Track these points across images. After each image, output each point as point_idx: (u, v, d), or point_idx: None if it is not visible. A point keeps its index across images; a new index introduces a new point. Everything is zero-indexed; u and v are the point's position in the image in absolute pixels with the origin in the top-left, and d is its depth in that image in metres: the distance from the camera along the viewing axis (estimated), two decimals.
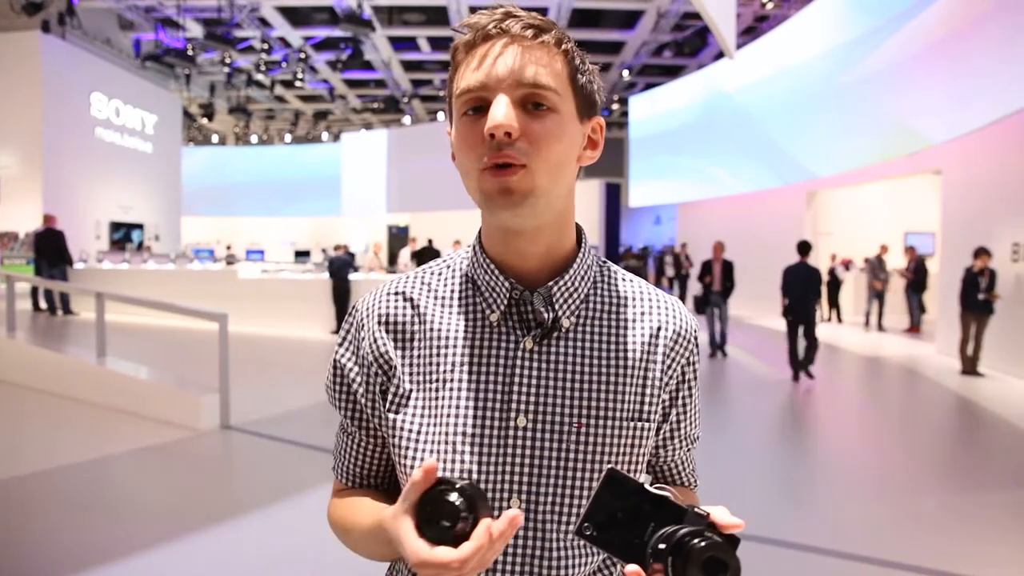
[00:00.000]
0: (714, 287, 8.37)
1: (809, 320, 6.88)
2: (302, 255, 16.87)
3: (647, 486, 0.56)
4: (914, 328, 11.27)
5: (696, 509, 0.55)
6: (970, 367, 7.45)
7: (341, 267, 9.76)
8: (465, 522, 0.55)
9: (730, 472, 4.23)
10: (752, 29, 15.23)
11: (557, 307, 0.73)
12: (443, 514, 0.55)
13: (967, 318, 7.39)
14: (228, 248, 18.75)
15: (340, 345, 0.79)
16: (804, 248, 7.13)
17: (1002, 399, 6.39)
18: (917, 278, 11.02)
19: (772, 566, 2.90)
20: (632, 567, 0.54)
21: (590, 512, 0.56)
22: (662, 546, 0.52)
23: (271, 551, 3.02)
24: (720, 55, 14.29)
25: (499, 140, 0.65)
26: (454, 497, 0.55)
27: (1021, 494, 3.86)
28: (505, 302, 0.73)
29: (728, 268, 8.36)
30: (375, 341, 0.76)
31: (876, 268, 11.62)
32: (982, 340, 7.40)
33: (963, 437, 5.49)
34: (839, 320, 12.71)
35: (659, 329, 0.77)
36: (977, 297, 7.27)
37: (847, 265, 13.11)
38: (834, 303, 12.66)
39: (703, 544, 0.51)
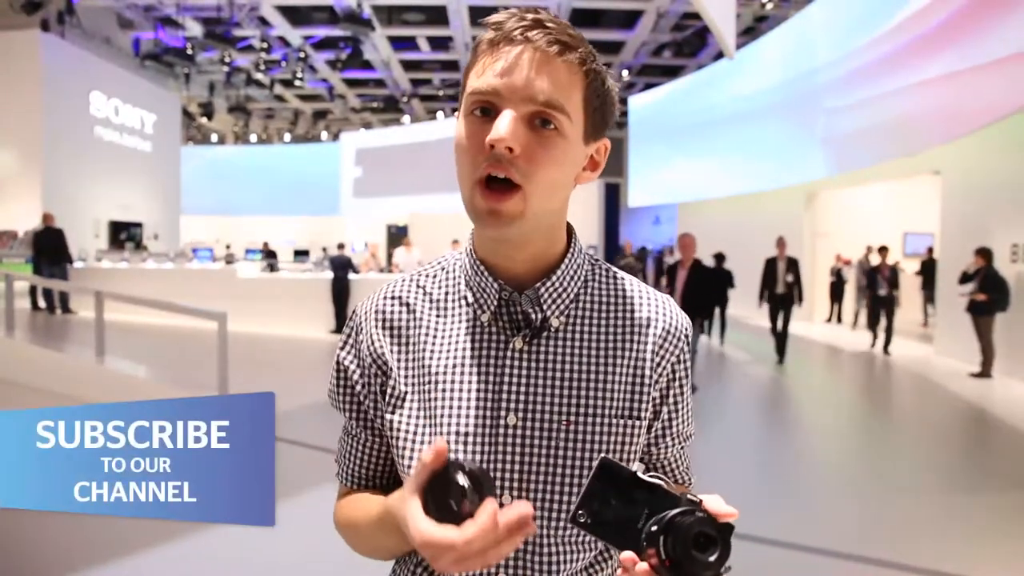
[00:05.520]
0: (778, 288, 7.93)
1: (891, 306, 9.24)
2: (301, 254, 16.83)
3: (640, 474, 0.56)
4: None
5: (689, 496, 0.56)
6: (982, 369, 7.36)
7: (341, 266, 9.83)
8: (472, 504, 0.54)
9: (725, 472, 4.23)
10: (752, 29, 15.22)
11: (545, 307, 0.74)
12: (449, 494, 0.55)
13: (974, 319, 7.34)
14: (227, 247, 18.71)
15: (342, 348, 0.81)
16: (883, 250, 9.78)
17: (1003, 401, 6.39)
18: (924, 277, 10.90)
19: (769, 567, 2.90)
20: (627, 554, 0.54)
21: (584, 500, 0.56)
22: (654, 528, 0.53)
23: (269, 552, 3.01)
24: (720, 55, 14.27)
25: (498, 153, 0.65)
26: (461, 478, 0.55)
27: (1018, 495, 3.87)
28: (495, 303, 0.74)
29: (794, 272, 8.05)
30: (373, 343, 0.78)
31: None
32: (989, 341, 7.29)
33: (961, 439, 5.49)
34: (838, 320, 12.70)
35: (648, 327, 0.77)
36: (971, 299, 7.23)
37: (849, 264, 13.09)
38: (838, 302, 12.63)
39: (691, 520, 0.52)
